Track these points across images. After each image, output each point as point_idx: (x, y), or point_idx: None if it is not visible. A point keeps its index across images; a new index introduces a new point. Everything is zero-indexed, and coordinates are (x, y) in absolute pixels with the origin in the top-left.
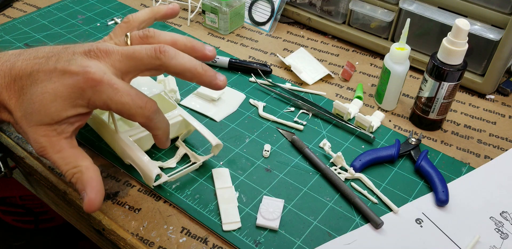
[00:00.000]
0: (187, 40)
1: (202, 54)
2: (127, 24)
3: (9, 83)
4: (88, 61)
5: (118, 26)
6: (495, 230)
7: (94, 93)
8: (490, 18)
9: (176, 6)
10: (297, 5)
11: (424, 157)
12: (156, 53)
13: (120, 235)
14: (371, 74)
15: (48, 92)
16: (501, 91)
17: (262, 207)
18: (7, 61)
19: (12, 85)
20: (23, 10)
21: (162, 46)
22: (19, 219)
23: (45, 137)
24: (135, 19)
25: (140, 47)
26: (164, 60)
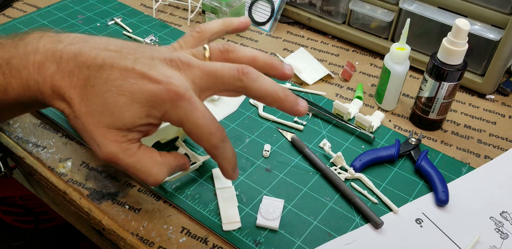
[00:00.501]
0: (267, 57)
1: (281, 73)
2: (200, 34)
3: (73, 69)
4: (170, 71)
5: (190, 36)
6: (495, 230)
7: (173, 107)
8: (490, 18)
9: (247, 20)
10: (297, 5)
11: (424, 157)
12: (239, 74)
13: (120, 235)
14: (371, 74)
15: (124, 95)
16: (501, 91)
17: (262, 207)
18: (71, 44)
19: (76, 72)
20: (23, 10)
21: (246, 68)
22: (19, 219)
23: (115, 142)
24: (207, 30)
25: (223, 65)
26: (246, 82)
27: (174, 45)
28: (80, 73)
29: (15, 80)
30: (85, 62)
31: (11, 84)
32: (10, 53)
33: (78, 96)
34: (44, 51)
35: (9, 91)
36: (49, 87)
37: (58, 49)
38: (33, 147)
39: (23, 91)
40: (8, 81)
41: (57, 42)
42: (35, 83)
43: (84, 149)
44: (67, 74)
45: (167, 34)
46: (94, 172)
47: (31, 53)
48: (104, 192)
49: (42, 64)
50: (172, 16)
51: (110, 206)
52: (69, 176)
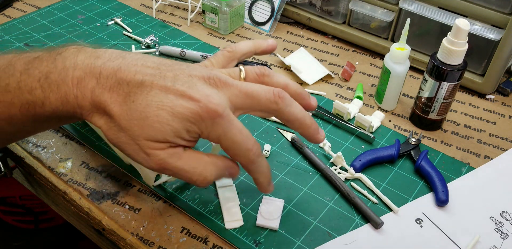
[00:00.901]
0: (297, 87)
1: (307, 103)
2: (231, 54)
3: (113, 85)
4: (209, 89)
5: (222, 55)
6: (495, 230)
7: (212, 125)
8: (490, 18)
9: (275, 43)
10: (297, 5)
11: (424, 157)
12: (275, 97)
13: (120, 235)
14: (371, 74)
15: (166, 110)
16: (501, 91)
17: (262, 207)
18: (109, 61)
19: (116, 88)
20: (23, 10)
21: (281, 92)
22: (19, 219)
23: (160, 150)
24: (238, 50)
25: (259, 87)
26: (280, 106)
27: (206, 63)
28: (120, 89)
29: (53, 94)
30: (125, 79)
31: (49, 98)
32: (48, 67)
33: (119, 110)
34: (83, 67)
35: (46, 105)
36: (89, 101)
37: (97, 65)
38: (33, 147)
39: (61, 105)
40: (47, 95)
41: (95, 58)
42: (74, 98)
43: (84, 149)
44: (107, 89)
45: (167, 34)
46: (94, 172)
47: (69, 68)
48: (104, 192)
49: (81, 80)
50: (172, 16)
51: (110, 206)
52: (69, 176)
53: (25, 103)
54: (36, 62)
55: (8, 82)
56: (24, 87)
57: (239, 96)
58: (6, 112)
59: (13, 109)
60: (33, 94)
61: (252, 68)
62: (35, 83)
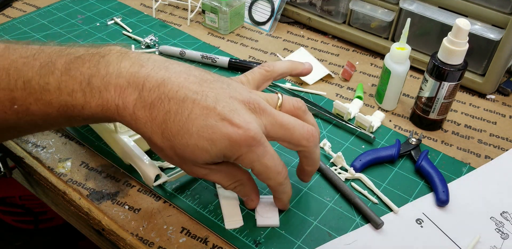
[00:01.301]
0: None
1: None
2: (268, 74)
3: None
4: (248, 115)
5: (259, 73)
6: (496, 230)
7: (248, 151)
8: (491, 18)
9: (311, 67)
10: (297, 5)
11: (424, 157)
12: (308, 134)
13: (120, 235)
14: (371, 74)
15: (205, 137)
16: (502, 91)
17: (258, 207)
18: (153, 71)
19: (158, 104)
20: (22, 10)
21: (314, 131)
22: (19, 219)
23: (203, 169)
24: (276, 70)
25: (295, 121)
26: (310, 145)
27: (242, 79)
28: (161, 105)
29: (94, 100)
30: (167, 94)
31: (89, 103)
32: (91, 70)
33: (158, 129)
34: (127, 76)
35: (86, 109)
36: (129, 114)
37: (141, 75)
38: (32, 147)
39: (101, 111)
40: (88, 100)
41: (139, 67)
42: (115, 107)
43: (83, 149)
44: (148, 105)
45: (167, 34)
46: (93, 172)
47: (113, 75)
48: (104, 192)
49: (124, 89)
50: (172, 16)
51: (109, 206)
52: (68, 176)
53: (63, 105)
54: (78, 62)
55: (48, 81)
56: (65, 88)
57: (275, 126)
58: (43, 111)
59: (50, 108)
60: (73, 97)
61: (290, 99)
62: (76, 86)
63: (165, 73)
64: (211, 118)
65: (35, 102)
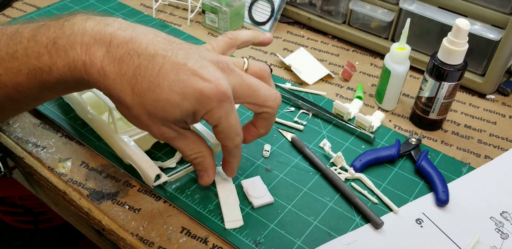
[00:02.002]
0: None
1: None
2: (231, 41)
3: (123, 56)
4: (218, 73)
5: (223, 40)
6: (495, 230)
7: (218, 106)
8: (490, 18)
9: (271, 37)
10: (297, 5)
11: (424, 157)
12: (274, 97)
13: (120, 235)
14: (371, 74)
15: (177, 91)
16: (501, 91)
17: (248, 190)
18: (120, 30)
19: (126, 59)
20: (22, 10)
21: (279, 94)
22: (19, 219)
23: (170, 129)
24: (239, 38)
25: (261, 83)
26: (274, 106)
27: (207, 46)
28: (130, 60)
29: (61, 60)
30: (136, 50)
31: (56, 64)
32: (56, 33)
33: (128, 85)
34: (93, 34)
35: (53, 71)
36: (97, 70)
37: (107, 32)
38: (32, 147)
39: (68, 71)
40: (54, 61)
41: (105, 25)
42: (82, 65)
43: (83, 149)
44: (117, 60)
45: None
46: (94, 172)
47: (78, 34)
48: (104, 192)
49: (90, 46)
50: (172, 16)
51: (110, 206)
52: (68, 176)
53: (32, 69)
54: (44, 28)
55: (16, 49)
56: (32, 53)
57: (242, 86)
58: (13, 79)
59: (20, 76)
60: (40, 61)
61: (256, 62)
62: (42, 49)
63: (132, 32)
64: (182, 73)
65: (5, 72)
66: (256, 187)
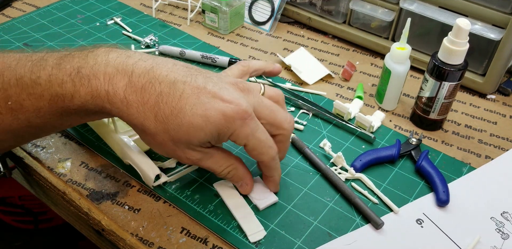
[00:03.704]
0: None
1: None
2: (245, 69)
3: (145, 84)
4: (237, 93)
5: (237, 69)
6: (496, 230)
7: (242, 125)
8: (491, 18)
9: (281, 68)
10: (297, 4)
11: (424, 157)
12: (289, 119)
13: (120, 235)
14: (372, 74)
15: (199, 114)
16: (502, 91)
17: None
18: (141, 60)
19: (148, 88)
20: (22, 9)
21: (293, 118)
22: (19, 219)
23: (197, 152)
24: (251, 66)
25: (277, 106)
26: (290, 129)
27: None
28: (152, 88)
29: (84, 88)
30: (157, 78)
31: (79, 92)
32: (80, 63)
33: (151, 113)
34: (115, 64)
35: (75, 98)
36: (120, 100)
37: (129, 63)
38: (32, 147)
39: (91, 99)
40: (77, 89)
41: (127, 57)
42: (105, 94)
43: (83, 149)
44: (139, 89)
45: (166, 34)
46: (93, 172)
47: (101, 65)
48: (104, 192)
49: (113, 76)
50: (171, 16)
51: (109, 206)
52: (68, 176)
53: (54, 95)
54: (68, 58)
55: (39, 75)
56: (55, 80)
57: (261, 106)
58: (35, 105)
59: (42, 101)
60: (63, 88)
61: (271, 88)
62: (66, 77)
63: (152, 62)
64: (203, 96)
65: (27, 97)
66: (259, 189)
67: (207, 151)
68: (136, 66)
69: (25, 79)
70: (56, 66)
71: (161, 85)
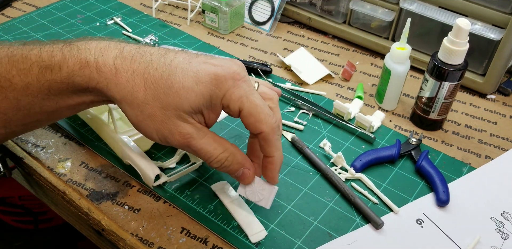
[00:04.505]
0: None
1: None
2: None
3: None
4: (231, 63)
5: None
6: (496, 230)
7: (234, 86)
8: (491, 18)
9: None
10: (297, 4)
11: (424, 157)
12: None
13: (120, 235)
14: (372, 74)
15: (190, 76)
16: (502, 91)
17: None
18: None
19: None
20: (22, 9)
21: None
22: (19, 219)
23: (188, 123)
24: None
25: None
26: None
27: None
28: (143, 58)
29: (72, 59)
30: (148, 51)
31: (67, 62)
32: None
33: (140, 80)
34: (108, 42)
35: (63, 69)
36: (109, 68)
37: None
38: (32, 147)
39: (78, 69)
40: (66, 60)
41: (119, 41)
42: (94, 62)
43: (83, 149)
44: (130, 58)
45: (166, 34)
46: (93, 172)
47: (94, 41)
48: (104, 192)
49: (104, 49)
50: (171, 16)
51: (109, 206)
52: (68, 176)
53: (43, 68)
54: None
55: (31, 50)
56: (45, 53)
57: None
58: (24, 81)
59: (30, 76)
60: (52, 60)
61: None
62: (56, 50)
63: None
64: (194, 62)
65: (17, 73)
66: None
67: (199, 127)
68: (128, 45)
69: (17, 56)
70: (50, 43)
71: (152, 56)
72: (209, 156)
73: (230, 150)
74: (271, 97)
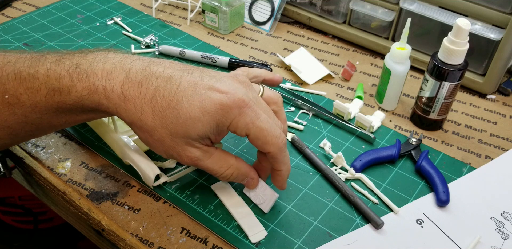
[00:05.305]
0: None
1: None
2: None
3: (142, 80)
4: (235, 84)
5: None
6: (496, 230)
7: (240, 114)
8: (491, 18)
9: (281, 79)
10: (297, 4)
11: (424, 157)
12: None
13: (120, 235)
14: (372, 74)
15: (196, 106)
16: (502, 91)
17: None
18: (139, 60)
19: (145, 83)
20: (22, 9)
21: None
22: (19, 219)
23: (195, 148)
24: (251, 71)
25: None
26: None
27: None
28: (149, 83)
29: (81, 83)
30: (154, 73)
31: (76, 87)
32: (79, 60)
33: (148, 107)
34: (113, 62)
35: (72, 93)
36: (117, 95)
37: (127, 62)
38: (32, 147)
39: (87, 94)
40: (74, 84)
41: (124, 57)
42: (102, 89)
43: (83, 149)
44: (137, 84)
45: (166, 34)
46: (93, 172)
47: (100, 62)
48: (104, 192)
49: (111, 72)
50: (171, 16)
51: (109, 206)
52: (68, 176)
53: (51, 89)
54: (68, 55)
55: (38, 69)
56: (53, 74)
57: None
58: (31, 99)
59: (38, 95)
60: (61, 82)
61: (271, 90)
62: (64, 72)
63: (149, 60)
64: (200, 88)
65: (24, 92)
66: (259, 193)
67: (206, 149)
68: (133, 64)
69: (23, 74)
70: (55, 62)
71: (158, 80)
72: (215, 172)
73: (234, 165)
74: (276, 101)
